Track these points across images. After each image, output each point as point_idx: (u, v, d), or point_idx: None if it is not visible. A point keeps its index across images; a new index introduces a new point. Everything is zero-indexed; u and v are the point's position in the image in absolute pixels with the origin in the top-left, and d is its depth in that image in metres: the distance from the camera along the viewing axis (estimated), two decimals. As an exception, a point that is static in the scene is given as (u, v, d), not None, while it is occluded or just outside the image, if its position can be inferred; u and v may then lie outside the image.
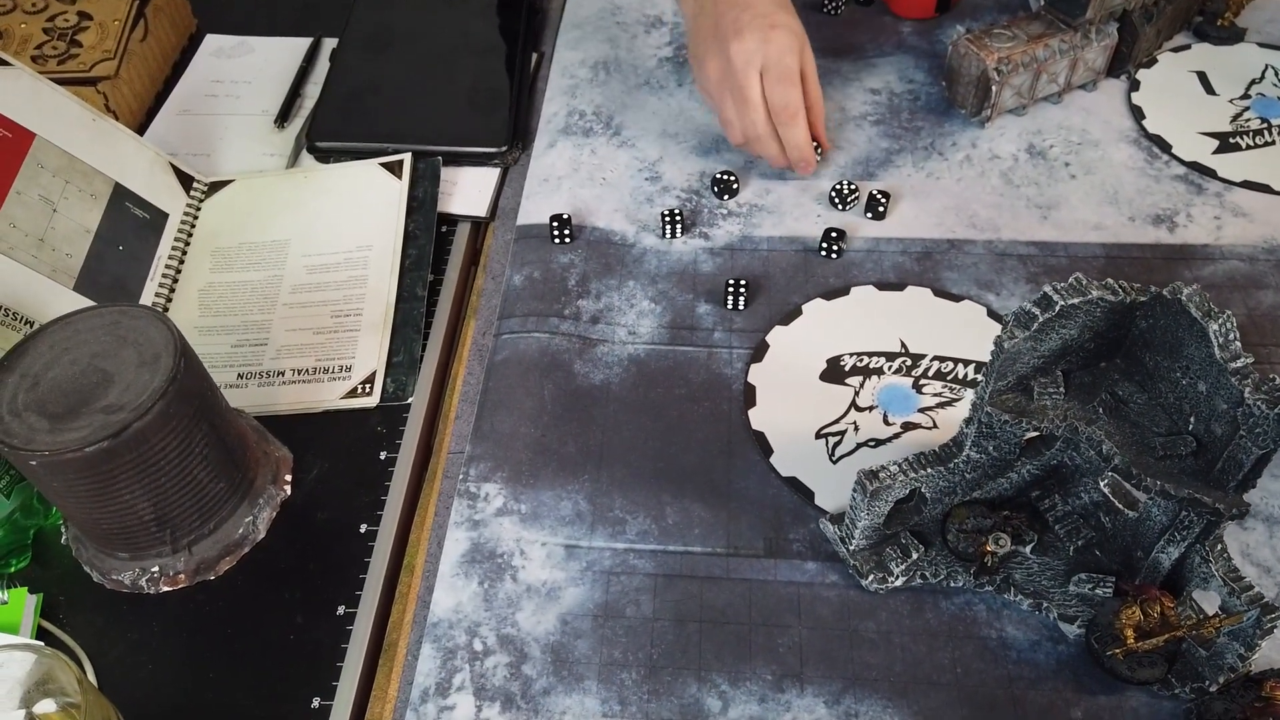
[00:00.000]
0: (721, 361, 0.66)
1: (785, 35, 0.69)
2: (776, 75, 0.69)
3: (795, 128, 0.71)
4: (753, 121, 0.71)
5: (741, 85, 0.70)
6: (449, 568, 0.57)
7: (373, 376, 0.66)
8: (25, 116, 0.66)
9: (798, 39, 0.70)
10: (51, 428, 0.50)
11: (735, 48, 0.69)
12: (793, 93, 0.69)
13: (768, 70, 0.69)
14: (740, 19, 0.70)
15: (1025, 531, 0.54)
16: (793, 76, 0.69)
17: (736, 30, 0.69)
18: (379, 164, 0.77)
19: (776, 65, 0.69)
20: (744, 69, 0.69)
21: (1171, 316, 0.45)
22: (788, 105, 0.70)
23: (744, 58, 0.69)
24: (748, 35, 0.69)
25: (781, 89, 0.69)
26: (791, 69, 0.69)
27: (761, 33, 0.69)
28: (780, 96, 0.69)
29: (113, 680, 0.54)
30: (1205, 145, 0.77)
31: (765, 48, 0.69)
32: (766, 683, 0.52)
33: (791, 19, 0.71)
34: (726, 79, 0.70)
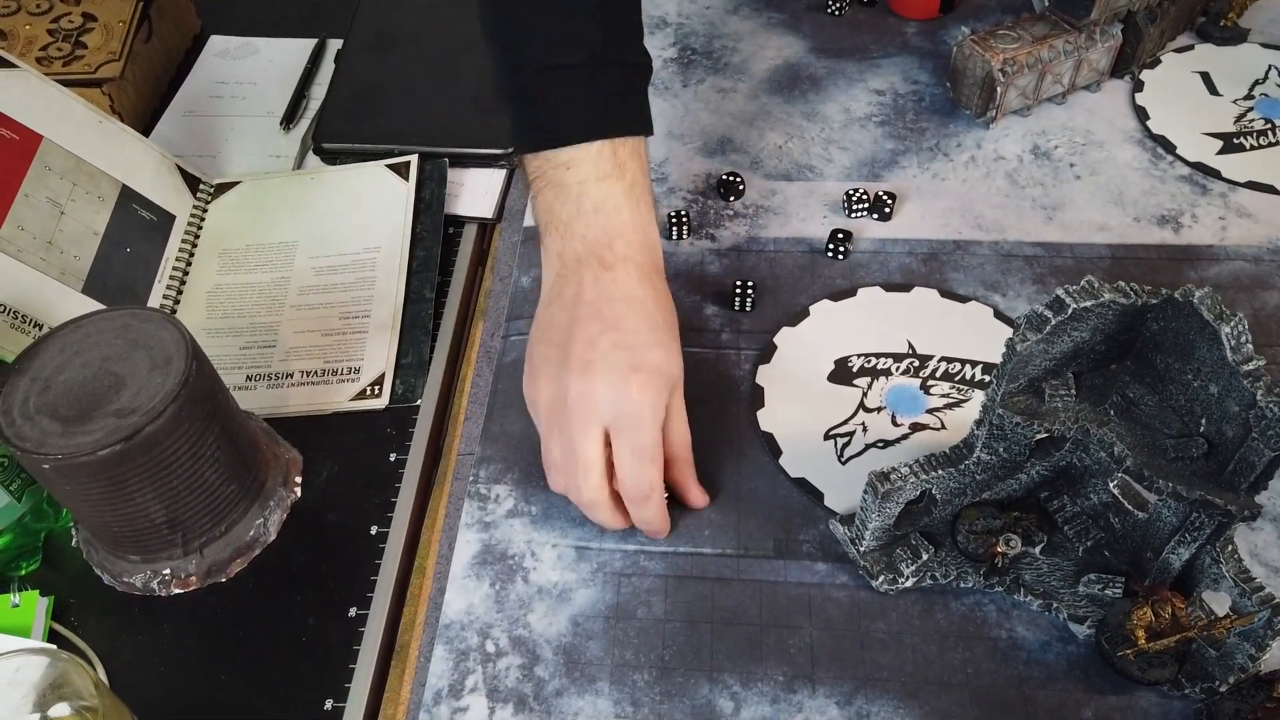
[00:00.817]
0: (729, 363, 0.66)
1: (650, 389, 0.52)
2: (630, 444, 0.53)
3: (647, 507, 0.55)
4: (579, 486, 0.54)
5: (575, 441, 0.53)
6: (460, 569, 0.57)
7: (381, 378, 0.66)
8: (32, 118, 0.66)
9: (667, 386, 0.54)
10: (64, 431, 0.50)
11: (577, 388, 0.53)
12: (650, 471, 0.53)
13: (618, 433, 0.53)
14: (597, 344, 0.53)
15: (1035, 532, 0.54)
16: (652, 450, 0.53)
17: (585, 362, 0.53)
18: (385, 165, 0.77)
19: (631, 430, 0.52)
20: (583, 420, 0.53)
21: (1183, 319, 0.45)
22: (639, 484, 0.53)
23: (585, 405, 0.52)
24: (598, 376, 0.52)
25: (634, 465, 0.53)
26: (650, 440, 0.53)
27: (619, 377, 0.52)
28: (631, 474, 0.53)
29: (125, 682, 0.54)
30: (1209, 146, 0.77)
31: (619, 400, 0.52)
32: (778, 683, 0.52)
33: (666, 356, 0.54)
34: (558, 418, 0.54)
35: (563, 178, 0.56)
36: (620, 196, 0.56)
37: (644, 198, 0.57)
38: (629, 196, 0.56)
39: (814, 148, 0.79)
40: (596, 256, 0.55)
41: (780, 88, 0.84)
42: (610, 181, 0.56)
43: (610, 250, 0.55)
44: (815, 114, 0.82)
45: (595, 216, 0.56)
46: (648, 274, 0.56)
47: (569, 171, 0.56)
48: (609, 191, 0.56)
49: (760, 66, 0.86)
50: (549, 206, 0.57)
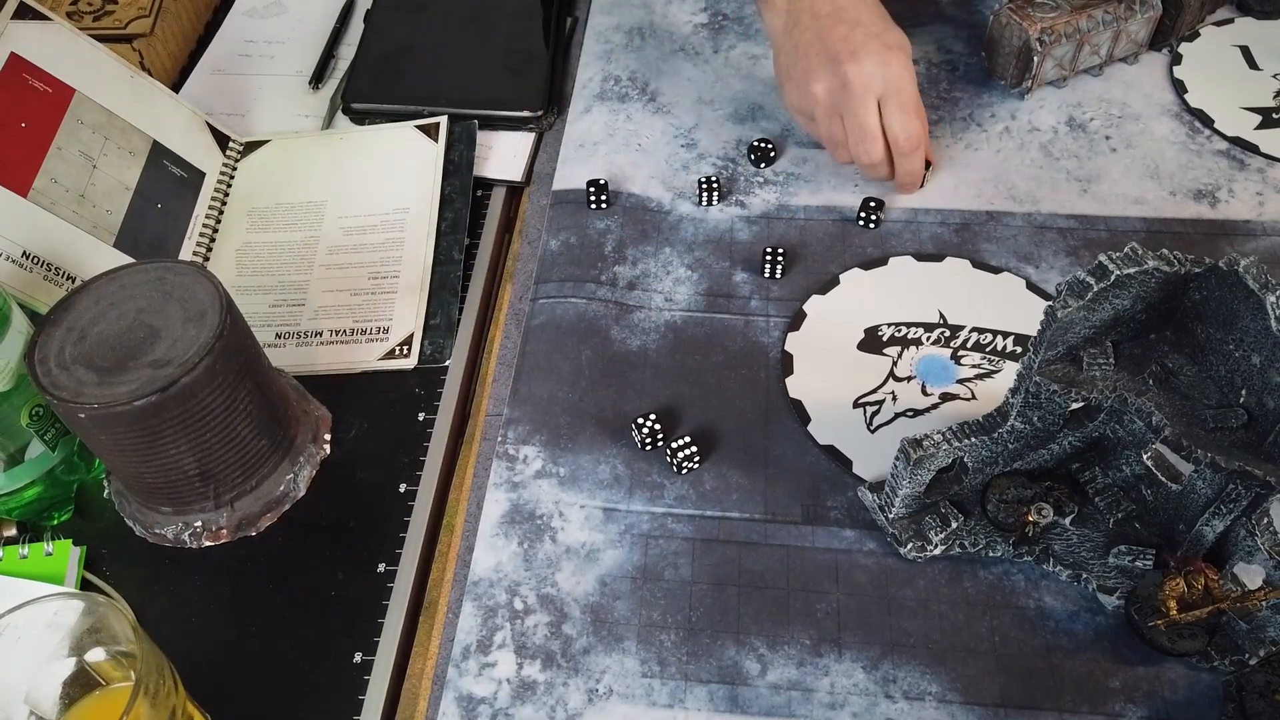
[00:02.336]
0: (759, 329, 0.65)
1: (902, 58, 0.66)
2: (899, 104, 0.65)
3: (914, 158, 0.68)
4: (868, 150, 0.67)
5: (858, 112, 0.66)
6: (489, 528, 0.57)
7: (410, 338, 0.66)
8: (65, 72, 0.66)
9: (909, 56, 0.66)
10: (100, 381, 0.50)
11: (852, 70, 0.65)
12: (917, 124, 0.66)
13: (888, 98, 0.65)
14: (852, 37, 0.65)
15: (1066, 503, 0.54)
16: (917, 105, 0.66)
17: (851, 51, 0.65)
18: (415, 126, 0.76)
19: (899, 93, 0.65)
20: (862, 95, 0.65)
21: (1227, 288, 0.45)
22: (910, 137, 0.66)
23: (862, 82, 0.65)
24: (864, 58, 0.65)
25: (905, 119, 0.66)
26: (914, 98, 0.66)
27: (879, 55, 0.65)
28: (904, 127, 0.66)
29: (155, 633, 0.53)
30: (1248, 120, 0.76)
31: (885, 71, 0.65)
32: (805, 647, 0.52)
33: (902, 36, 0.67)
34: (840, 103, 0.66)
35: None
36: None
37: None
38: None
39: (846, 116, 0.78)
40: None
41: (812, 55, 0.83)
42: None
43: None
44: (847, 82, 0.81)
45: None
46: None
47: None
48: None
49: (792, 33, 0.85)
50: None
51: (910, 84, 0.66)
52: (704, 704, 0.50)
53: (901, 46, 0.66)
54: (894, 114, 0.66)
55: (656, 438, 0.59)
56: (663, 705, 0.50)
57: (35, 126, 0.64)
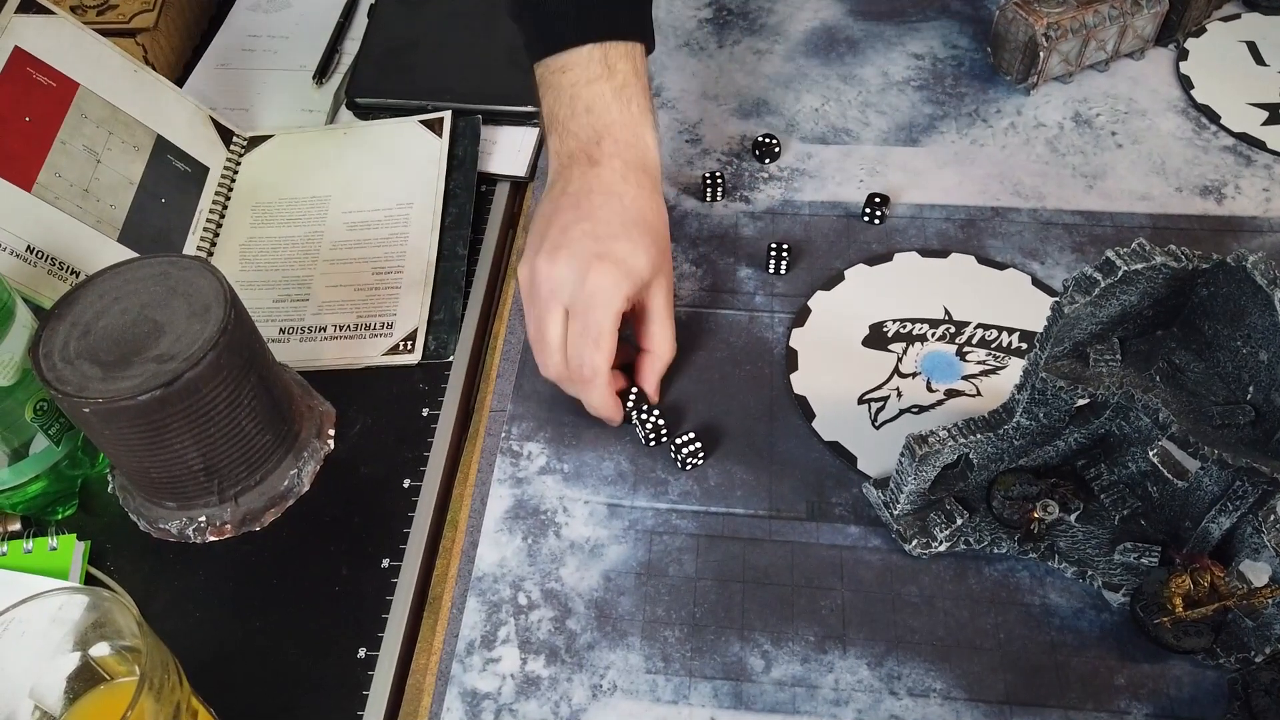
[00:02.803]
0: (763, 325, 0.65)
1: (609, 276, 0.54)
2: (581, 326, 0.55)
3: (590, 390, 0.57)
4: (542, 362, 0.58)
5: (539, 317, 0.56)
6: (493, 523, 0.57)
7: (414, 334, 0.66)
8: (69, 66, 0.66)
9: (632, 279, 0.55)
10: (104, 376, 0.50)
11: (543, 268, 0.55)
12: (593, 356, 0.55)
13: (574, 315, 0.55)
14: (569, 231, 0.55)
15: (1071, 500, 0.54)
16: (599, 336, 0.55)
17: (554, 248, 0.55)
18: (419, 121, 0.76)
19: (585, 314, 0.55)
20: (546, 299, 0.56)
21: (1235, 284, 0.45)
22: (582, 367, 0.56)
23: (549, 286, 0.55)
24: (562, 260, 0.55)
25: (581, 347, 0.55)
26: (601, 325, 0.55)
27: (581, 263, 0.54)
28: (578, 353, 0.56)
29: (159, 628, 0.53)
30: (1255, 116, 0.76)
31: (578, 287, 0.55)
32: (809, 643, 0.52)
33: (634, 250, 0.55)
34: (530, 298, 0.57)
35: (559, 81, 0.59)
36: (609, 97, 0.58)
37: (635, 99, 0.59)
38: (618, 97, 0.59)
39: (851, 111, 0.78)
40: (585, 153, 0.58)
41: (817, 50, 0.83)
42: (600, 83, 0.58)
43: (598, 147, 0.58)
44: (852, 77, 0.81)
45: (586, 116, 0.59)
46: (633, 171, 0.58)
47: (564, 75, 0.59)
48: (599, 92, 0.58)
49: (797, 28, 0.85)
50: (550, 109, 0.60)
51: (605, 311, 0.55)
52: (708, 700, 0.50)
53: (621, 262, 0.55)
54: (572, 333, 0.56)
55: (660, 433, 0.59)
56: (667, 701, 0.50)
57: (39, 121, 0.64)
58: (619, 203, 0.57)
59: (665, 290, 0.58)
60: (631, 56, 0.59)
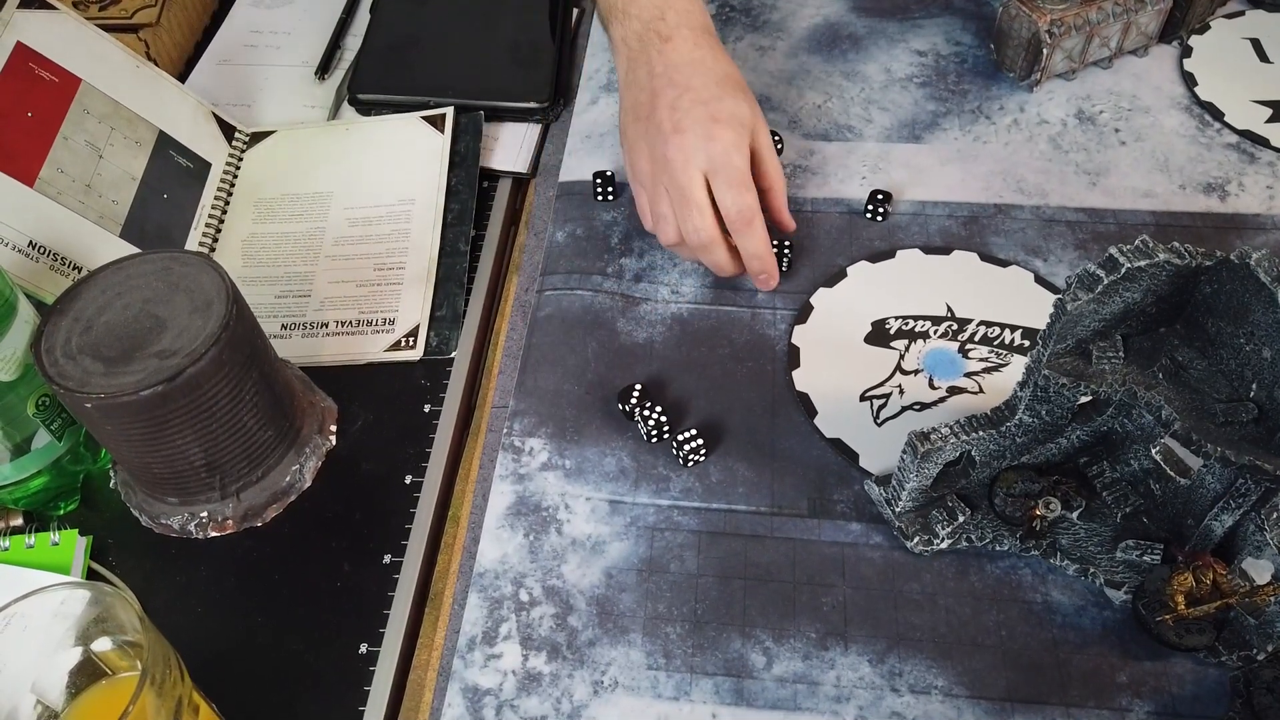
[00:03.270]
0: (765, 322, 0.65)
1: (731, 130, 0.60)
2: (725, 179, 0.60)
3: (752, 235, 0.61)
4: (697, 228, 0.61)
5: (684, 187, 0.60)
6: (494, 520, 0.57)
7: (416, 330, 0.66)
8: (71, 61, 0.66)
9: (746, 127, 0.61)
10: (106, 371, 0.50)
11: (673, 144, 0.60)
12: (748, 198, 0.60)
13: (715, 173, 0.60)
14: (678, 105, 0.60)
15: (1074, 497, 0.54)
16: (745, 180, 0.60)
17: (675, 124, 0.60)
18: (421, 118, 0.76)
19: (725, 168, 0.59)
20: (683, 169, 0.60)
21: (1238, 281, 0.45)
22: (742, 210, 0.60)
23: (684, 156, 0.60)
24: (688, 132, 0.60)
25: (734, 194, 0.60)
26: (742, 171, 0.60)
27: (704, 128, 0.59)
28: (734, 201, 0.60)
29: (161, 623, 0.53)
30: (1258, 114, 0.75)
31: (709, 145, 0.59)
32: (811, 640, 0.52)
33: (737, 103, 0.61)
34: (663, 175, 0.61)
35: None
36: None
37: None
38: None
39: (854, 108, 0.78)
40: (654, 31, 0.63)
41: (820, 46, 0.83)
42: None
43: (664, 22, 0.63)
44: (855, 74, 0.80)
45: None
46: (701, 37, 0.63)
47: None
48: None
49: (800, 24, 0.85)
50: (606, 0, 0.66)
51: (739, 158, 0.60)
52: (709, 697, 0.50)
53: (732, 117, 0.60)
54: (721, 189, 0.60)
55: (663, 430, 0.58)
56: (668, 698, 0.50)
57: (41, 116, 0.64)
58: (704, 67, 0.62)
59: (765, 132, 0.63)
60: None
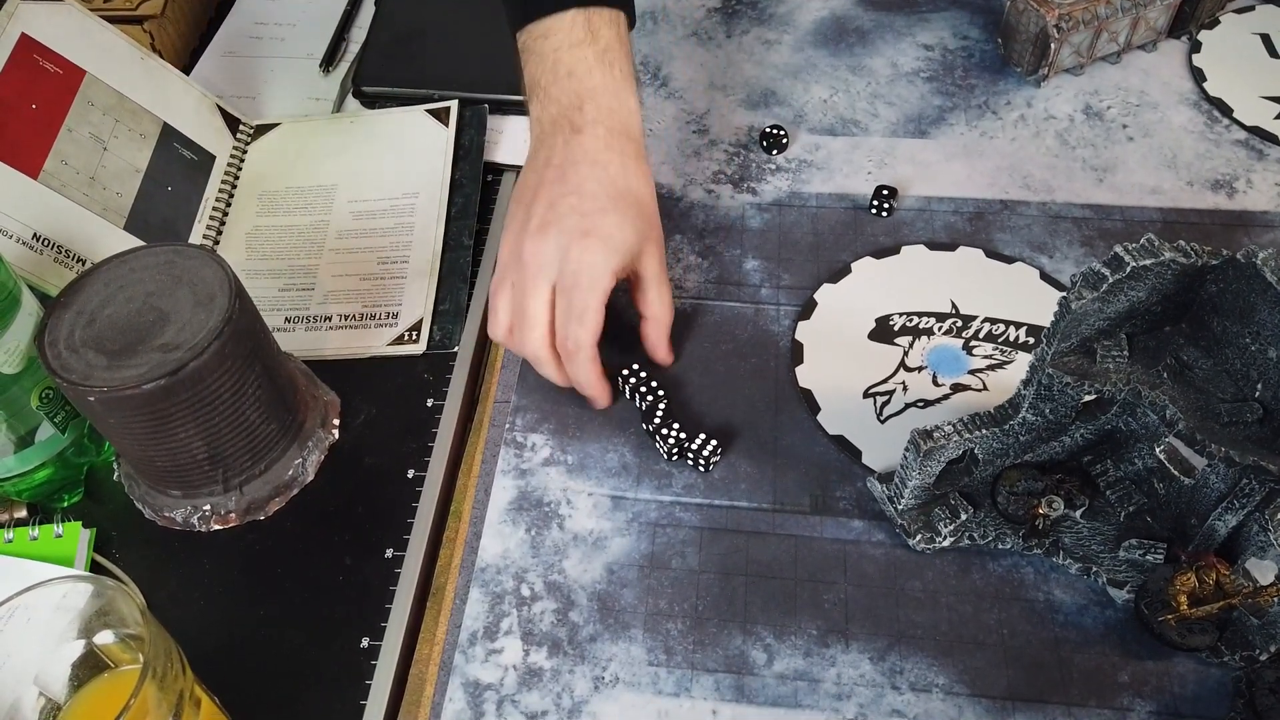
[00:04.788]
0: (768, 318, 0.65)
1: (597, 252, 0.55)
2: (568, 305, 0.55)
3: (575, 365, 0.57)
4: (523, 338, 0.57)
5: (523, 293, 0.56)
6: (496, 514, 0.57)
7: (419, 324, 0.66)
8: (76, 53, 0.66)
9: (620, 252, 0.55)
10: (109, 364, 0.50)
11: (530, 245, 0.55)
12: (580, 333, 0.55)
13: (561, 291, 0.55)
14: (556, 206, 0.56)
15: (1077, 496, 0.54)
16: (585, 312, 0.55)
17: (542, 223, 0.55)
18: (425, 111, 0.76)
19: (572, 290, 0.55)
20: (532, 276, 0.55)
21: (1244, 280, 0.44)
22: (566, 340, 0.56)
23: (537, 263, 0.55)
24: (550, 238, 0.55)
25: (568, 324, 0.55)
26: (587, 304, 0.55)
27: (568, 239, 0.55)
28: (564, 330, 0.56)
29: (164, 616, 0.54)
30: (1268, 110, 0.75)
31: (565, 262, 0.55)
32: (812, 637, 0.52)
33: (621, 222, 0.56)
34: (512, 272, 0.57)
35: (541, 47, 0.59)
36: (592, 61, 0.58)
37: (618, 63, 0.59)
38: (600, 61, 0.58)
39: (860, 102, 0.77)
40: (568, 119, 0.58)
41: (826, 40, 0.82)
42: (582, 48, 0.58)
43: (580, 113, 0.58)
44: (861, 68, 0.80)
45: (568, 81, 0.58)
46: (617, 138, 0.58)
47: (546, 40, 0.59)
48: (581, 57, 0.58)
49: (806, 18, 0.84)
50: (532, 76, 0.60)
51: (588, 282, 0.55)
52: (710, 693, 0.50)
53: (609, 238, 0.55)
54: (559, 309, 0.56)
55: (684, 446, 0.57)
56: (669, 694, 0.50)
57: (45, 108, 0.64)
58: (604, 173, 0.57)
59: (656, 257, 0.59)
60: (615, 23, 0.60)
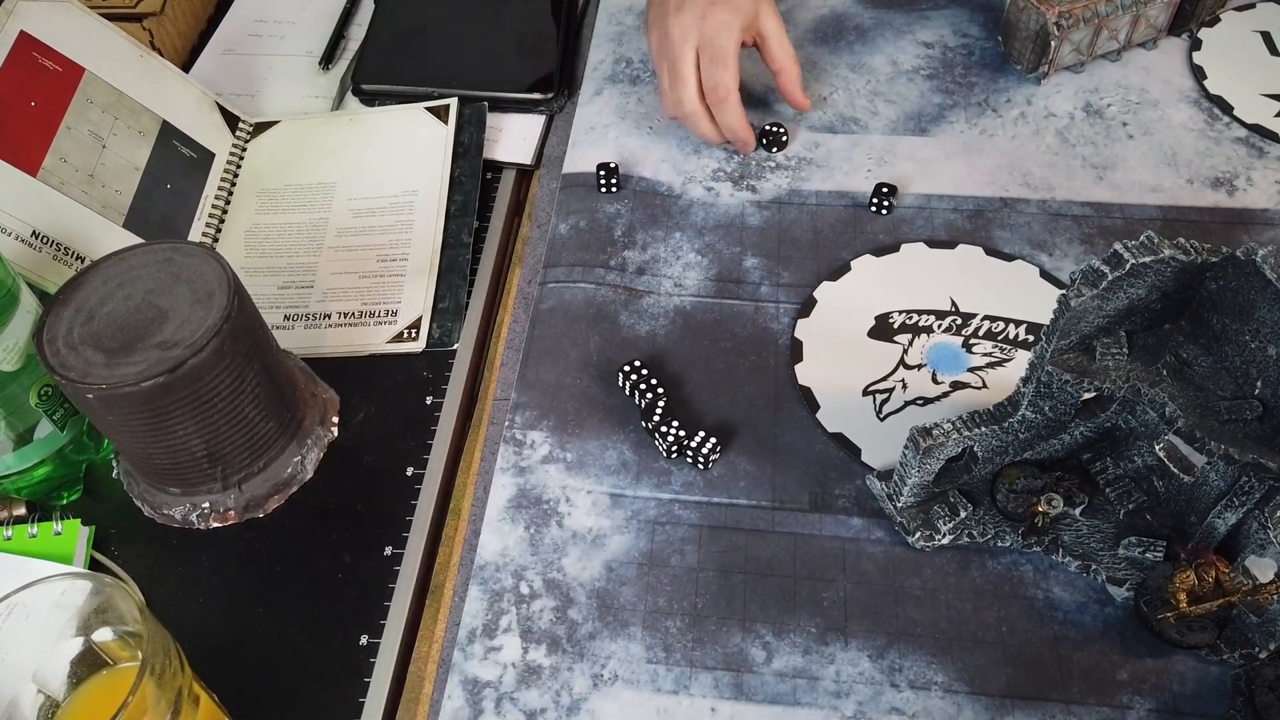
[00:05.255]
0: (768, 316, 0.65)
1: (724, 12, 0.68)
2: (709, 55, 0.68)
3: (725, 110, 0.70)
4: (680, 99, 0.70)
5: (675, 60, 0.69)
6: (495, 512, 0.57)
7: (418, 321, 0.66)
8: (75, 51, 0.66)
9: (741, 13, 0.69)
10: (108, 362, 0.50)
11: (673, 22, 0.69)
12: (722, 75, 0.68)
13: (702, 48, 0.68)
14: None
15: (1076, 493, 0.53)
16: (724, 57, 0.68)
17: (678, 5, 0.69)
18: (424, 108, 0.76)
19: (710, 44, 0.68)
20: (679, 44, 0.69)
21: (1244, 278, 0.44)
22: (716, 87, 0.69)
23: (679, 32, 0.68)
24: (687, 11, 0.68)
25: (712, 70, 0.68)
26: (724, 49, 0.68)
27: (700, 9, 0.68)
28: (710, 77, 0.69)
29: (163, 613, 0.54)
30: (1268, 107, 0.75)
31: (701, 24, 0.68)
32: (811, 635, 0.52)
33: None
34: (664, 52, 0.70)
35: None
36: None
37: None
38: None
39: (859, 100, 0.77)
40: None
41: (826, 38, 0.82)
42: None
43: None
44: (861, 66, 0.80)
45: None
46: None
47: None
48: None
49: (806, 16, 0.84)
50: None
51: (725, 37, 0.68)
52: (709, 691, 0.50)
53: (728, 3, 0.68)
54: (704, 64, 0.69)
55: (683, 444, 0.58)
56: (668, 691, 0.50)
57: (45, 106, 0.64)
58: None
59: (774, 17, 0.71)
60: None
